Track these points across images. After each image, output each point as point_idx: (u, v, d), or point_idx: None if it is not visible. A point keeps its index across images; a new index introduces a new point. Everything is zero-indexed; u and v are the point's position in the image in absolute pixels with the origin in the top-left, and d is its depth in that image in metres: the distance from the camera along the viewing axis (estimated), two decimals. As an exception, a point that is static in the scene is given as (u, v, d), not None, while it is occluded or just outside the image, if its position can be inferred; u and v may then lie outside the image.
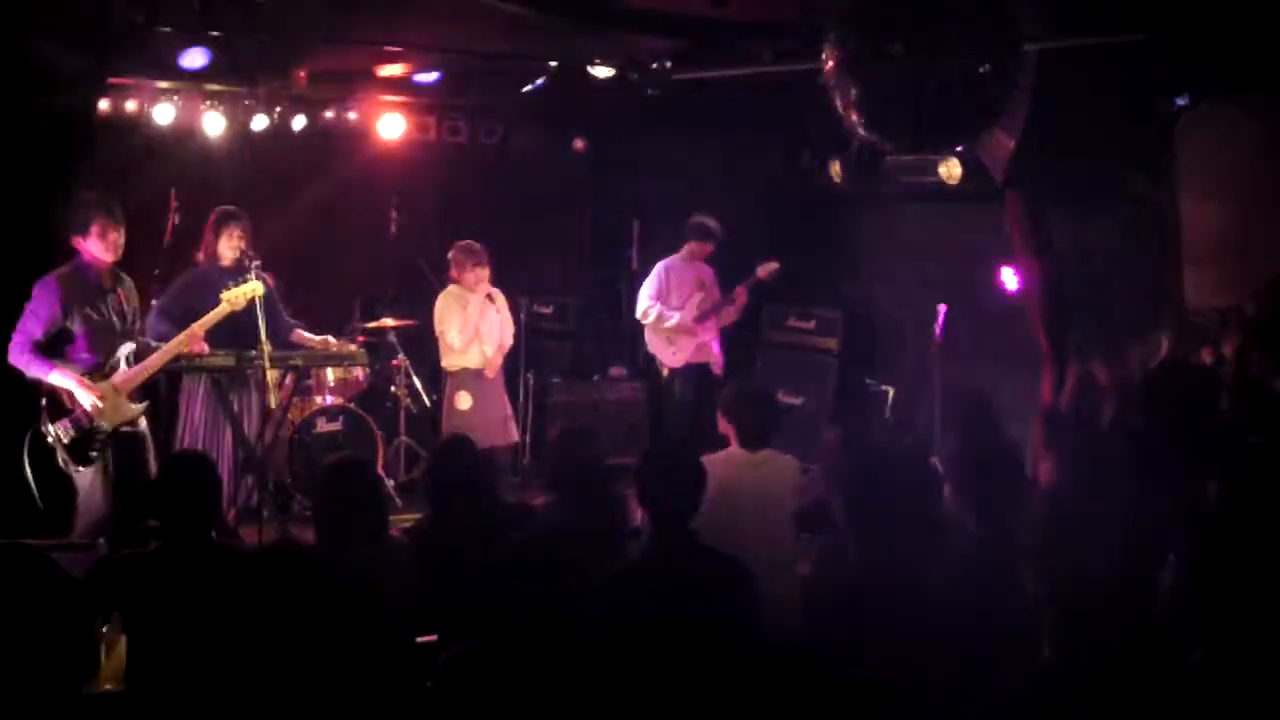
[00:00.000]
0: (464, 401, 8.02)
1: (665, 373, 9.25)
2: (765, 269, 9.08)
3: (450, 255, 8.12)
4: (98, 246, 6.47)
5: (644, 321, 9.16)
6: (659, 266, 9.19)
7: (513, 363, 9.29)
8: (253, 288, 6.94)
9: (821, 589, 4.17)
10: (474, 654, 3.44)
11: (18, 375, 6.43)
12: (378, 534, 4.46)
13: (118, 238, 6.53)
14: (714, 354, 9.23)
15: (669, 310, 9.04)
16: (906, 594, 3.85)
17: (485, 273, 8.03)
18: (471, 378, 8.06)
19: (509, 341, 8.33)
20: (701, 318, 9.08)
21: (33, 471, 6.60)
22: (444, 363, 8.15)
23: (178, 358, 6.80)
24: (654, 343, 9.22)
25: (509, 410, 8.33)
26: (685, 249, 9.14)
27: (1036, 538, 3.19)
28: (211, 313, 6.85)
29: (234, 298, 6.88)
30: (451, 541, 4.66)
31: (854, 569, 4.01)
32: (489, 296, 8.09)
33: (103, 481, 6.43)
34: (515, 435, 8.29)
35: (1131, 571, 3.28)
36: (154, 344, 6.79)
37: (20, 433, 6.64)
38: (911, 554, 3.96)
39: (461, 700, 3.43)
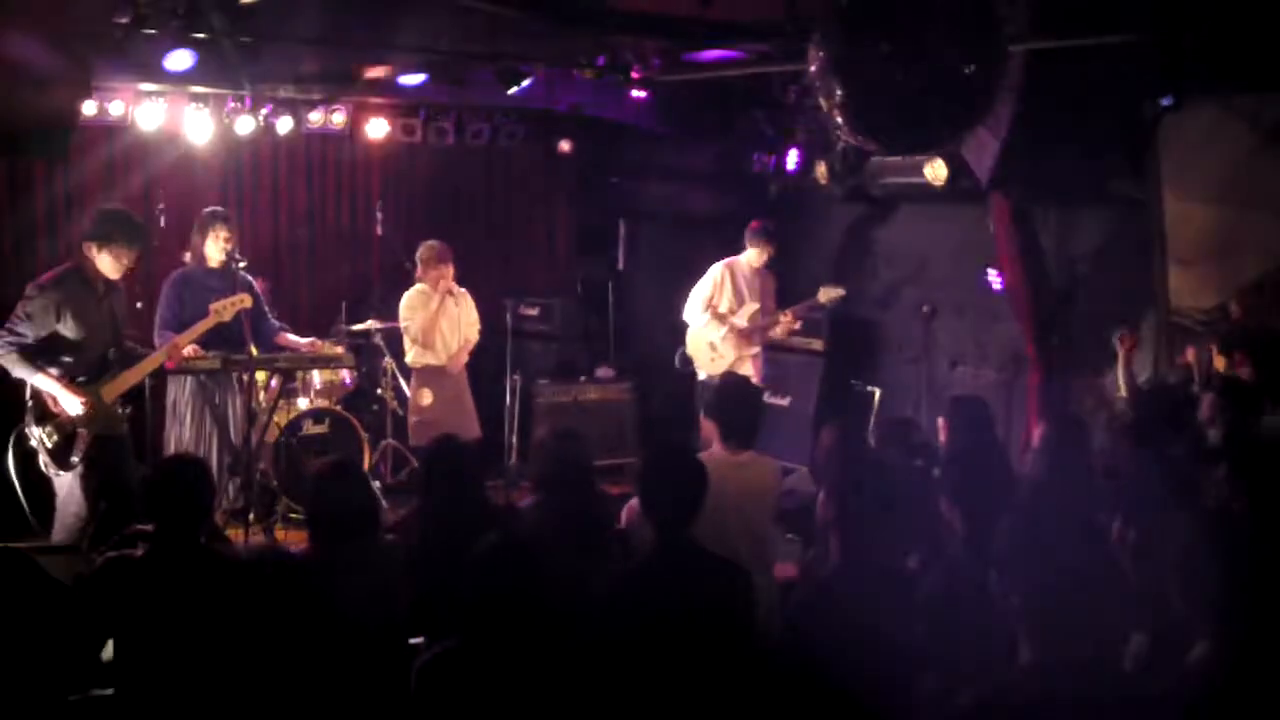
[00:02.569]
0: (425, 398, 8.14)
1: (702, 377, 8.79)
2: (829, 296, 8.75)
3: (418, 254, 8.23)
4: (109, 263, 6.47)
5: (689, 322, 8.79)
6: (722, 266, 8.76)
7: (498, 364, 9.30)
8: (240, 299, 6.96)
9: (801, 590, 4.18)
10: (454, 655, 3.44)
11: (3, 375, 6.40)
12: (370, 535, 4.47)
13: (129, 262, 6.58)
14: (756, 367, 8.81)
15: (716, 316, 8.67)
16: (887, 595, 3.86)
17: (448, 270, 8.11)
18: (434, 374, 8.18)
19: (474, 337, 8.38)
20: (750, 332, 8.73)
21: (16, 473, 6.59)
22: (407, 359, 8.29)
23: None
24: (695, 346, 8.82)
25: (471, 406, 8.37)
26: (751, 250, 8.74)
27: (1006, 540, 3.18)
28: (199, 324, 6.88)
29: (222, 309, 6.89)
30: (438, 539, 4.66)
31: (833, 569, 4.02)
32: (450, 294, 8.14)
33: (82, 485, 6.39)
34: (477, 431, 8.27)
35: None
36: (139, 350, 6.79)
37: (4, 433, 6.63)
38: (893, 555, 3.96)
39: (444, 701, 3.43)
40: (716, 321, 8.71)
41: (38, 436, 6.33)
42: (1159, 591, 3.12)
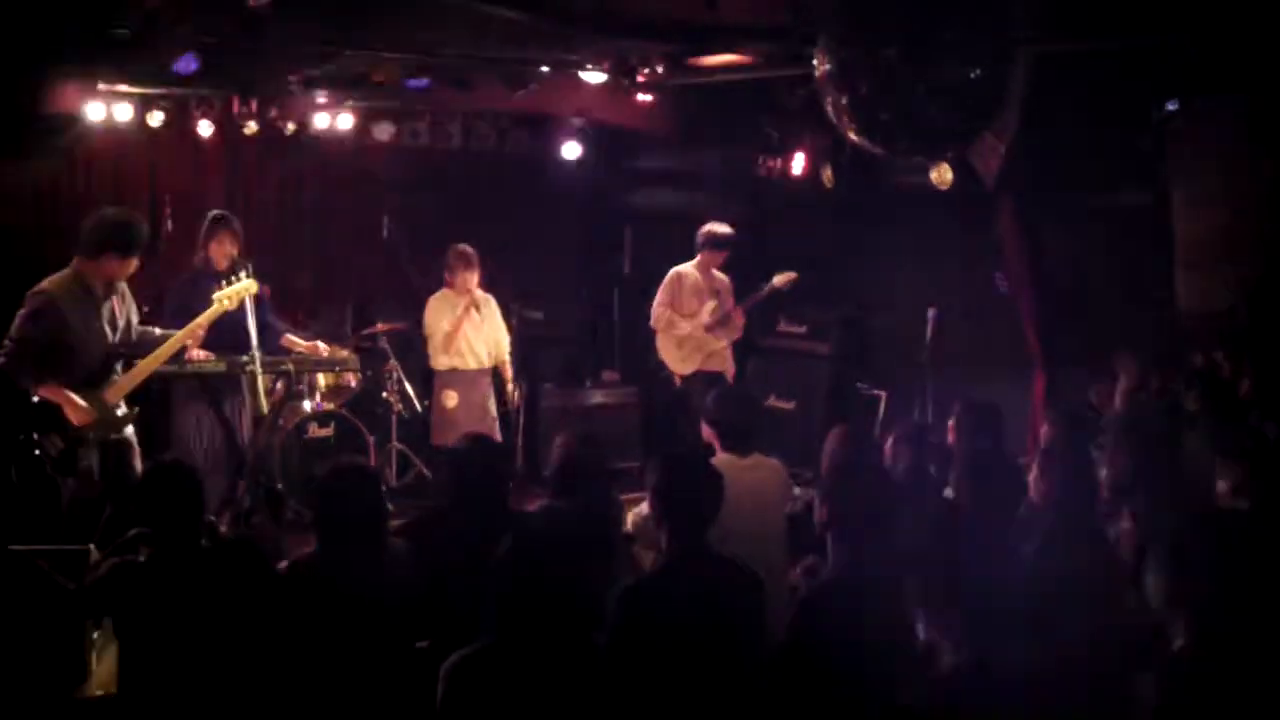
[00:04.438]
0: (450, 400, 8.14)
1: (678, 381, 8.98)
2: (783, 279, 8.78)
3: (447, 258, 8.20)
4: (111, 268, 6.43)
5: (655, 328, 8.94)
6: (672, 273, 8.90)
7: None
8: (245, 286, 6.88)
9: (799, 595, 4.17)
10: (483, 656, 3.44)
11: (7, 381, 6.39)
12: (377, 537, 4.46)
13: (133, 266, 6.53)
14: (728, 363, 8.95)
15: (680, 318, 8.81)
16: (884, 600, 3.84)
17: (474, 276, 8.09)
18: (457, 377, 8.16)
19: (506, 345, 8.38)
20: (712, 327, 8.82)
21: (21, 478, 6.56)
22: (432, 362, 8.29)
23: (173, 360, 6.77)
24: (664, 349, 8.96)
25: (493, 412, 8.38)
26: (699, 257, 8.87)
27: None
28: (205, 313, 6.80)
29: (227, 296, 6.84)
30: (455, 541, 4.65)
31: (830, 574, 4.01)
32: (476, 301, 8.13)
33: (89, 489, 6.38)
34: (497, 436, 8.27)
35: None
36: (153, 332, 6.78)
37: (10, 438, 6.62)
38: (887, 558, 3.94)
39: (471, 703, 3.42)
40: (680, 323, 8.81)
41: (43, 445, 6.31)
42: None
